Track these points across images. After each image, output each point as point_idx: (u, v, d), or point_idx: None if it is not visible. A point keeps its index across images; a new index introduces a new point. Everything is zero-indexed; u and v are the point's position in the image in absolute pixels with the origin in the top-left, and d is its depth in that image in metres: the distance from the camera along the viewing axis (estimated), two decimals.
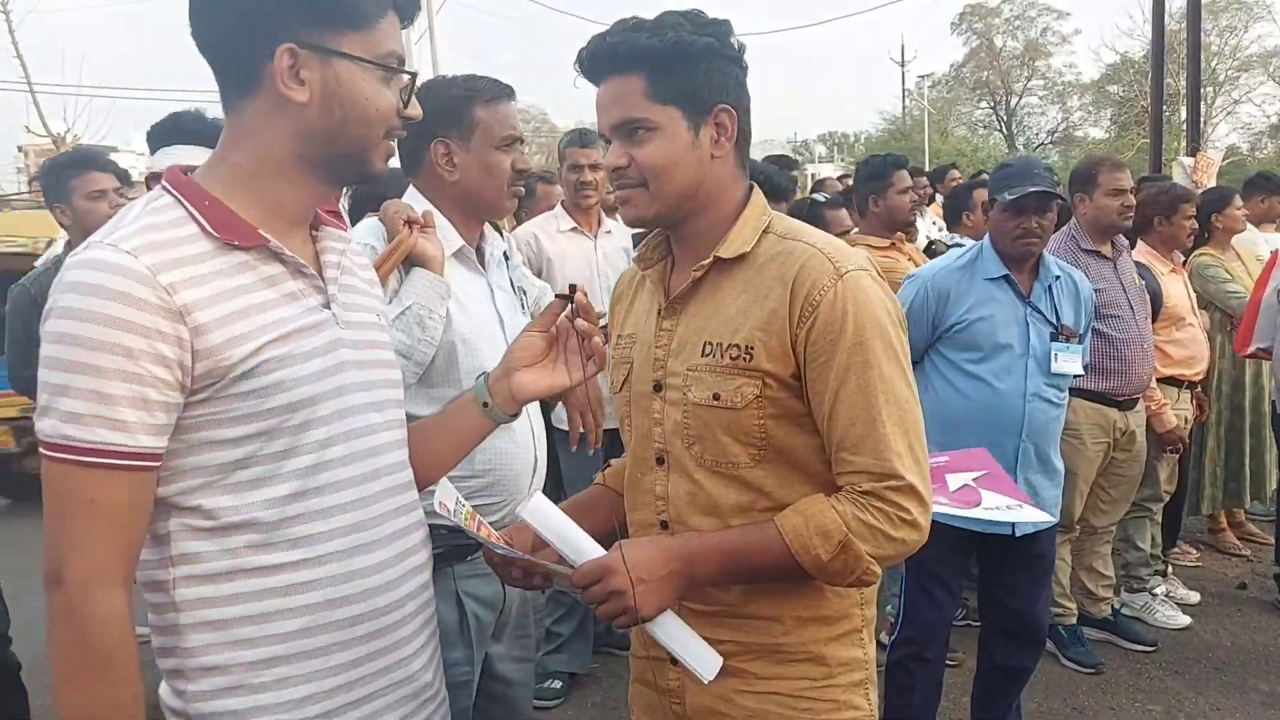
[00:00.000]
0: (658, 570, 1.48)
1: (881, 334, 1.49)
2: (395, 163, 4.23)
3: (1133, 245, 4.43)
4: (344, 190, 3.91)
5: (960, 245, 4.43)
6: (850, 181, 6.67)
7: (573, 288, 1.62)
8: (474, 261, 2.29)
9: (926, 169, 10.53)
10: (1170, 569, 4.90)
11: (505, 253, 2.45)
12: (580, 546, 1.50)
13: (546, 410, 3.09)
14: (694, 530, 1.59)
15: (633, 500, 1.71)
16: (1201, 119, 15.64)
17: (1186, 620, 4.53)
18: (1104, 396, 3.92)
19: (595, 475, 3.86)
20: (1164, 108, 15.20)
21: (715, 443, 1.56)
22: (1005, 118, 44.72)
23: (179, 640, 1.32)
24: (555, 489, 2.43)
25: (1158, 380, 4.26)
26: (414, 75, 1.41)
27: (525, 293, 2.53)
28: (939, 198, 7.71)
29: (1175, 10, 18.27)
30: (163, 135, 2.77)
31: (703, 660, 1.51)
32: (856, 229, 4.26)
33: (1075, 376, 3.21)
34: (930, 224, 6.98)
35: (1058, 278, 3.19)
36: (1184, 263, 4.86)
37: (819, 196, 4.30)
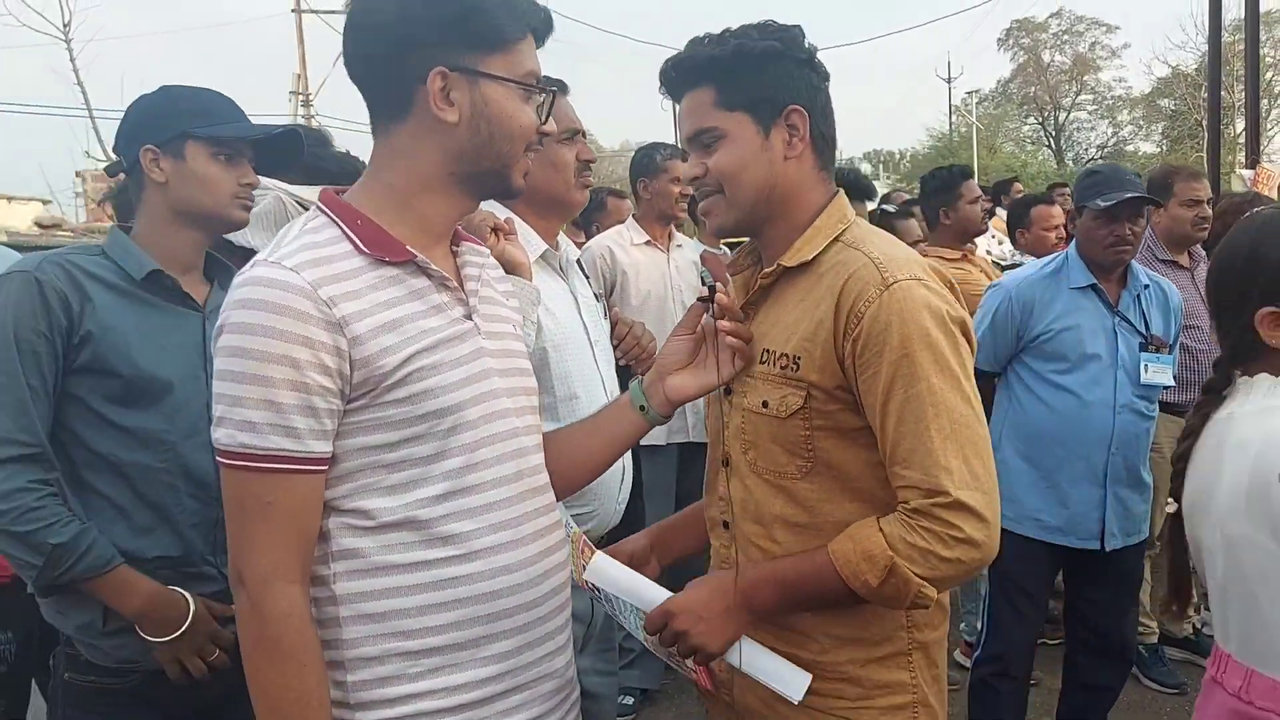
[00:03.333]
0: (715, 607, 1.53)
1: (930, 345, 1.45)
2: None
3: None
4: None
5: (1019, 265, 4.39)
6: (902, 199, 6.62)
7: (713, 289, 1.61)
8: (556, 267, 2.30)
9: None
10: None
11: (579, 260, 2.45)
12: (644, 595, 1.56)
13: None
14: (747, 535, 1.62)
15: (707, 499, 1.76)
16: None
17: None
18: (1184, 409, 3.82)
19: (671, 484, 3.90)
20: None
21: (766, 450, 1.58)
22: (1054, 133, 44.27)
23: (339, 633, 1.38)
24: (634, 498, 2.43)
25: None
26: (554, 92, 1.49)
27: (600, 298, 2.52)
28: (999, 212, 7.61)
29: (1228, 22, 18.02)
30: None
31: (789, 682, 1.52)
32: (926, 240, 4.23)
33: (1165, 388, 3.14)
34: (990, 238, 6.89)
35: (1146, 286, 3.13)
36: None
37: (888, 207, 4.27)
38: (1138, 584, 3.28)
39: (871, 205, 4.52)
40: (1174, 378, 3.26)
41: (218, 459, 1.34)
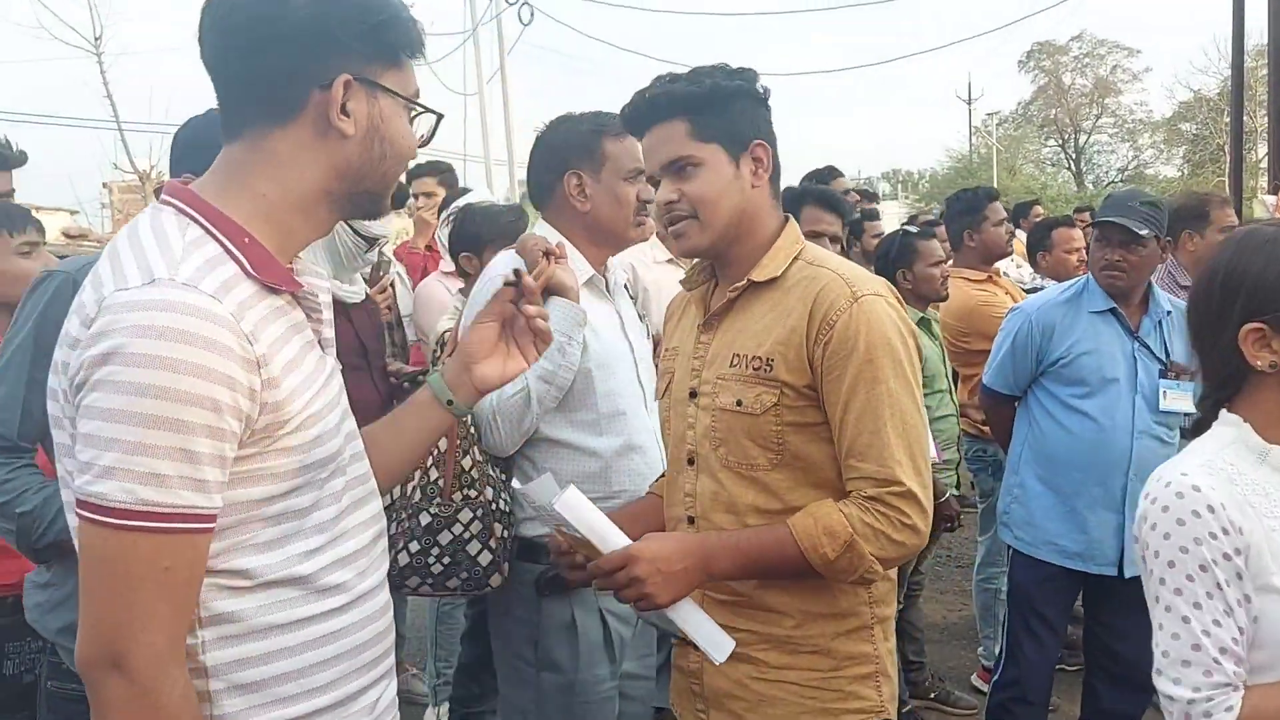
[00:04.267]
0: (675, 563, 1.62)
1: (890, 353, 1.63)
2: (483, 196, 4.25)
3: None
4: (441, 223, 3.98)
5: (1040, 289, 4.37)
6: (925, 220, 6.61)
7: (517, 273, 1.65)
8: (603, 290, 2.39)
9: None
10: None
11: (627, 283, 2.53)
12: (607, 537, 1.63)
13: None
14: (716, 526, 1.74)
15: (669, 498, 1.88)
16: None
17: None
18: None
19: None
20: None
21: (738, 445, 1.72)
22: (1074, 155, 44.15)
23: (211, 708, 1.22)
24: None
25: None
26: (441, 115, 1.41)
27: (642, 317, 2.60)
28: (1020, 234, 7.58)
29: (1250, 47, 18.00)
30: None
31: (715, 643, 1.64)
32: (950, 260, 4.21)
33: (1187, 415, 3.12)
34: (1008, 261, 6.87)
35: (1169, 312, 3.12)
36: None
37: (910, 228, 4.26)
38: None
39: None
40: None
41: (96, 518, 1.11)
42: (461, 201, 3.81)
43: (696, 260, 1.91)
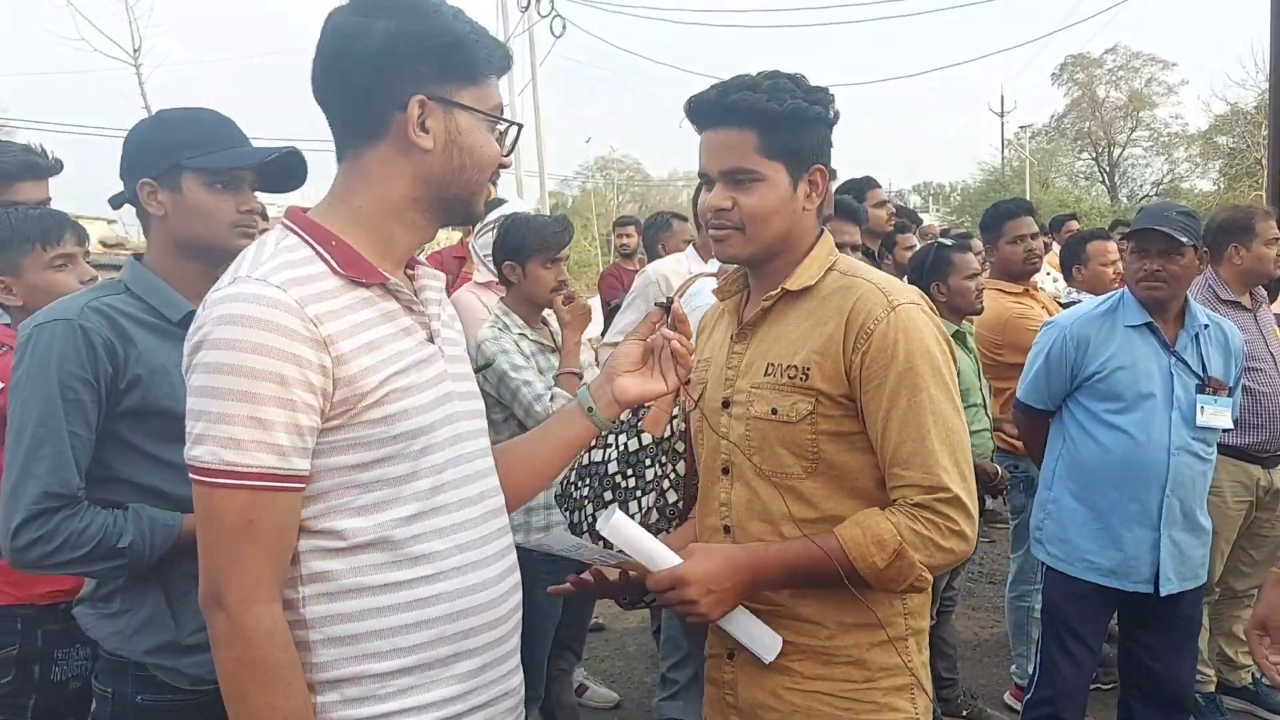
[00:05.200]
0: (724, 581, 1.63)
1: (930, 360, 1.64)
2: (515, 206, 4.27)
3: (1271, 298, 4.27)
4: (477, 232, 4.01)
5: (1076, 302, 4.34)
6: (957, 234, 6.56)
7: (670, 299, 1.75)
8: None
9: None
10: None
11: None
12: (655, 556, 1.64)
13: None
14: (752, 535, 1.75)
15: (703, 508, 1.88)
16: None
17: None
18: (1246, 452, 3.75)
19: None
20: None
21: (772, 453, 1.72)
22: (1108, 169, 43.73)
23: (309, 655, 1.39)
24: None
25: None
26: (520, 126, 1.56)
27: None
28: (1055, 247, 7.51)
29: None
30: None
31: (764, 644, 1.67)
32: (986, 273, 4.20)
33: (1224, 430, 3.08)
34: (1044, 275, 6.80)
35: (1206, 326, 3.09)
36: None
37: (945, 240, 4.24)
38: (1195, 630, 3.21)
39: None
40: (1236, 421, 3.21)
41: (195, 477, 1.32)
42: (505, 210, 3.84)
43: (732, 269, 1.91)
